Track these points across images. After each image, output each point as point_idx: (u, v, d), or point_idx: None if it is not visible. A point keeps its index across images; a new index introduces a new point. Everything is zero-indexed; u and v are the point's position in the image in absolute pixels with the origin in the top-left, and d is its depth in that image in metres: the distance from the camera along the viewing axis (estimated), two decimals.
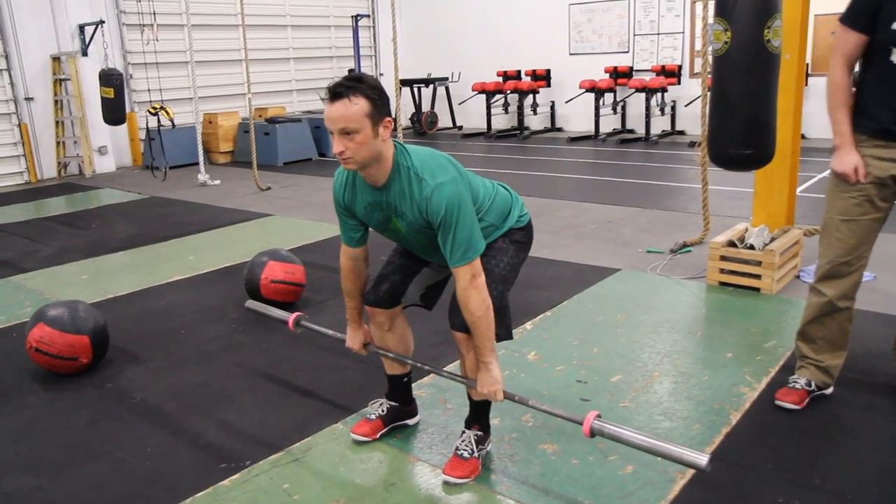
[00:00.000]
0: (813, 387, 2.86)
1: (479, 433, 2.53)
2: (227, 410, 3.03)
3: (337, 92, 2.08)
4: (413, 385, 2.83)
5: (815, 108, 9.90)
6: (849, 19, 2.59)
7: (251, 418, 2.95)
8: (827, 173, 7.50)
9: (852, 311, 2.81)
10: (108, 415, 3.05)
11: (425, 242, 2.35)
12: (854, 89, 2.67)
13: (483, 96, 12.92)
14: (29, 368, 3.49)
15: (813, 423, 2.72)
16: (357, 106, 2.07)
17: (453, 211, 2.15)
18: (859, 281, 2.76)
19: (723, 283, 4.27)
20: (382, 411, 2.74)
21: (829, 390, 2.91)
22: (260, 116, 11.30)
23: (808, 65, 9.70)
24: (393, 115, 2.20)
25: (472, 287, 2.20)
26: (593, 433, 2.15)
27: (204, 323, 4.09)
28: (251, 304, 3.38)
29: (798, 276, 4.40)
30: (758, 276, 4.14)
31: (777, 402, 2.86)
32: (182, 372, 3.45)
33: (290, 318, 2.98)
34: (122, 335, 3.86)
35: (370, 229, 2.47)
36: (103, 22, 9.85)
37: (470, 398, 2.55)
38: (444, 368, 3.24)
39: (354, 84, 2.09)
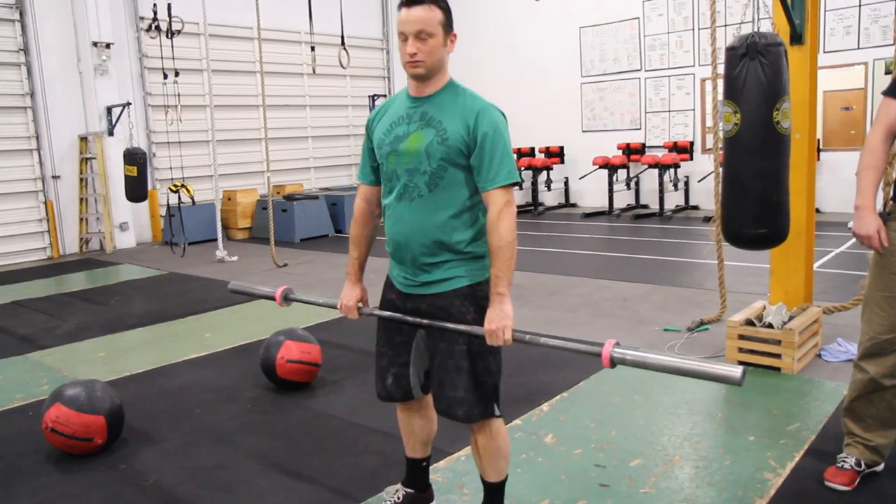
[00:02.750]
0: (863, 466, 2.79)
1: None
2: (240, 494, 2.99)
3: None
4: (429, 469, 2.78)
5: (828, 183, 10.07)
6: (892, 92, 2.65)
7: (265, 503, 2.91)
8: (844, 248, 7.55)
9: None
10: (120, 498, 3.01)
11: (422, 183, 2.27)
12: None
13: None
14: (43, 448, 3.47)
15: None
16: (434, 13, 2.22)
17: (501, 131, 2.25)
18: None
19: (742, 363, 4.22)
20: (398, 499, 2.69)
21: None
22: (278, 193, 11.52)
23: (819, 140, 9.82)
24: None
25: (507, 210, 2.23)
26: (613, 362, 1.97)
27: (219, 402, 4.07)
28: (234, 284, 3.16)
29: (819, 356, 4.34)
30: (778, 356, 4.08)
31: (827, 483, 2.78)
32: (196, 453, 3.42)
33: (277, 292, 2.80)
34: (137, 415, 3.85)
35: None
36: (130, 104, 10.19)
37: (483, 481, 2.50)
38: (459, 452, 3.21)
39: None
